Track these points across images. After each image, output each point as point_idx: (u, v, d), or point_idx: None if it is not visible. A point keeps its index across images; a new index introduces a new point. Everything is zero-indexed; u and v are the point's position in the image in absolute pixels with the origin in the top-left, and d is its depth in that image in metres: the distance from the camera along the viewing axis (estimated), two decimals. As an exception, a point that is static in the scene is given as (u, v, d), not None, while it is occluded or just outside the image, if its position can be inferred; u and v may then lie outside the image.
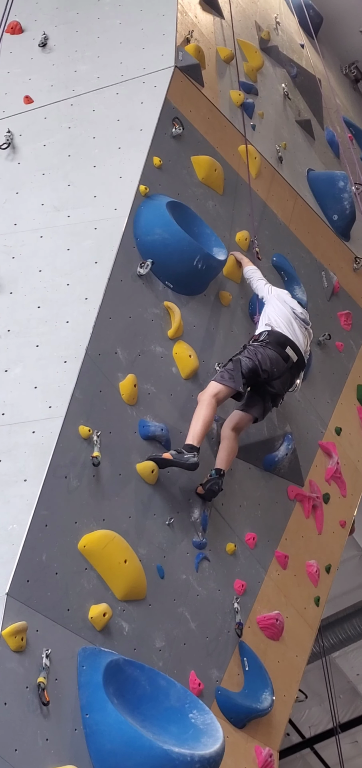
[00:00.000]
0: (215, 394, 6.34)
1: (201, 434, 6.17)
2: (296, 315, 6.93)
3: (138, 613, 5.54)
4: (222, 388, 6.38)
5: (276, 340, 6.68)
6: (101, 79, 7.58)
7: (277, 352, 6.63)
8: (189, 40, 7.93)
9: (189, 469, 6.03)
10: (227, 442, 6.53)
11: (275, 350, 6.63)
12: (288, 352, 6.69)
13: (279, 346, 6.66)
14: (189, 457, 6.00)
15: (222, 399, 6.40)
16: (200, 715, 5.18)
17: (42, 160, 7.07)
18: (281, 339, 6.70)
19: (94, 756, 4.77)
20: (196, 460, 6.02)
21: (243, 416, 6.68)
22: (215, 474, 6.32)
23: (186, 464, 6.00)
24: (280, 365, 6.63)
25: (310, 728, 16.02)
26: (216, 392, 6.35)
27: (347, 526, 7.88)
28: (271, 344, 6.65)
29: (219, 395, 6.36)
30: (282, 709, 6.54)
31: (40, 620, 4.92)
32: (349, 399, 8.47)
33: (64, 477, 5.39)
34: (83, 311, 6.11)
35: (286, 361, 6.66)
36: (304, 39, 10.74)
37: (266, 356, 6.58)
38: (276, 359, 6.61)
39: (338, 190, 9.13)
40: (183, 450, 6.05)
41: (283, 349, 6.67)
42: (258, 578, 6.67)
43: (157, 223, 6.73)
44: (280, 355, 6.64)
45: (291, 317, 6.87)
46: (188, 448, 6.07)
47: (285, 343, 6.70)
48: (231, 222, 7.73)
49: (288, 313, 6.88)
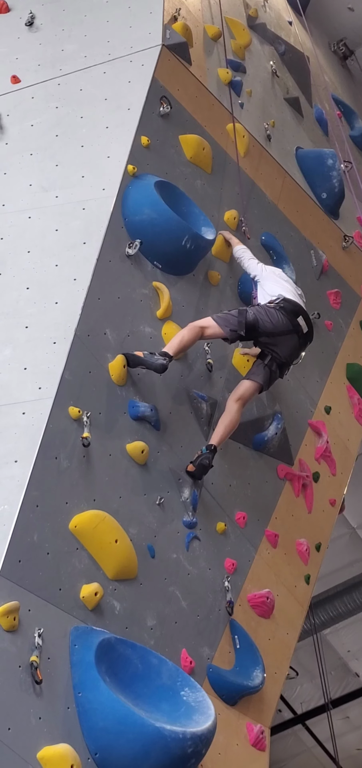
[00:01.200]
0: (204, 326, 6.48)
1: (176, 348, 6.29)
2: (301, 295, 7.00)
3: (129, 592, 5.56)
4: (213, 325, 6.50)
5: (292, 308, 6.74)
6: (88, 58, 7.55)
7: (289, 319, 6.68)
8: (177, 18, 7.89)
9: (156, 370, 6.11)
10: (228, 414, 6.58)
11: (286, 317, 6.68)
12: (299, 321, 6.75)
13: (292, 315, 6.72)
14: (158, 359, 6.11)
15: (208, 335, 6.53)
16: (192, 693, 5.21)
17: (29, 140, 7.05)
18: (295, 308, 6.76)
19: (86, 734, 4.80)
20: (165, 362, 6.11)
21: (248, 385, 6.73)
22: (205, 450, 6.36)
23: (154, 364, 6.09)
24: (285, 327, 6.67)
25: (302, 704, 16.13)
26: (206, 326, 6.49)
27: (337, 505, 7.91)
28: (285, 309, 6.70)
29: (207, 330, 6.49)
30: (274, 687, 6.58)
31: (32, 600, 4.94)
32: (338, 378, 8.48)
33: (55, 458, 5.40)
34: (72, 292, 6.10)
35: (296, 329, 6.71)
36: (292, 16, 10.70)
37: (274, 315, 6.62)
38: (284, 322, 6.66)
39: (327, 168, 9.11)
40: (154, 352, 6.16)
41: (295, 317, 6.73)
42: (248, 557, 6.70)
43: (145, 202, 6.71)
44: (291, 323, 6.69)
45: (292, 290, 6.94)
46: (161, 353, 6.18)
47: (298, 312, 6.76)
48: (220, 201, 7.71)
49: (291, 288, 6.94)
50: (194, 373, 6.76)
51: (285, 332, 6.69)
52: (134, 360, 6.14)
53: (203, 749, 4.98)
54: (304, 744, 16.62)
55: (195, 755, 4.90)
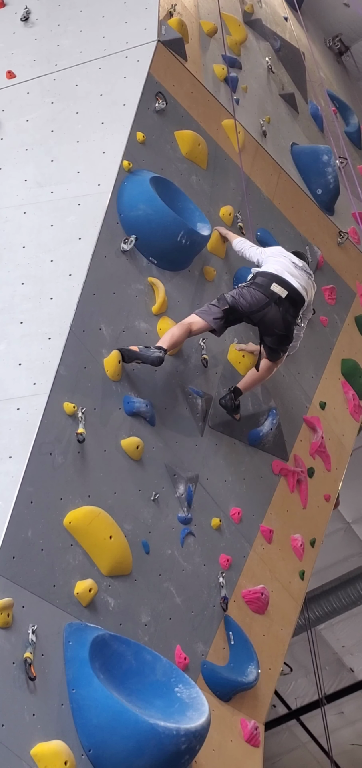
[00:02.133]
0: (191, 322, 6.56)
1: (169, 342, 6.36)
2: (296, 266, 6.97)
3: (123, 589, 5.56)
4: (199, 320, 6.57)
5: (261, 280, 6.76)
6: (84, 53, 7.53)
7: (261, 291, 6.69)
8: (172, 13, 7.88)
9: (153, 363, 6.17)
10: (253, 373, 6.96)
11: (258, 289, 6.70)
12: (273, 288, 6.71)
13: (264, 285, 6.72)
14: (154, 351, 6.18)
15: (196, 330, 6.59)
16: (186, 689, 5.22)
17: (25, 135, 7.04)
18: (267, 276, 6.77)
19: (80, 730, 4.80)
20: (161, 354, 6.19)
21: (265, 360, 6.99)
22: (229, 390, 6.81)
23: (151, 357, 6.15)
24: (260, 301, 6.67)
25: (296, 700, 16.16)
26: (193, 322, 6.56)
27: (332, 500, 7.92)
28: (255, 284, 6.74)
29: (194, 326, 6.55)
30: (268, 683, 6.59)
31: (26, 596, 4.94)
32: (333, 373, 8.49)
33: (49, 454, 5.40)
34: (67, 287, 6.10)
35: (270, 297, 6.68)
36: (288, 12, 10.69)
37: (246, 294, 6.68)
38: (258, 297, 6.67)
39: (322, 164, 9.11)
40: (151, 346, 6.23)
41: (268, 286, 6.71)
42: (243, 553, 6.70)
43: (140, 198, 6.71)
44: (263, 293, 6.68)
45: (292, 266, 6.93)
46: (157, 347, 6.26)
47: (270, 280, 6.74)
48: (215, 197, 7.71)
49: (287, 263, 6.94)
50: (189, 369, 6.77)
51: (263, 306, 6.69)
52: (130, 355, 6.15)
53: (197, 745, 4.99)
54: (299, 739, 16.66)
55: (189, 751, 4.91)
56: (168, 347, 6.33)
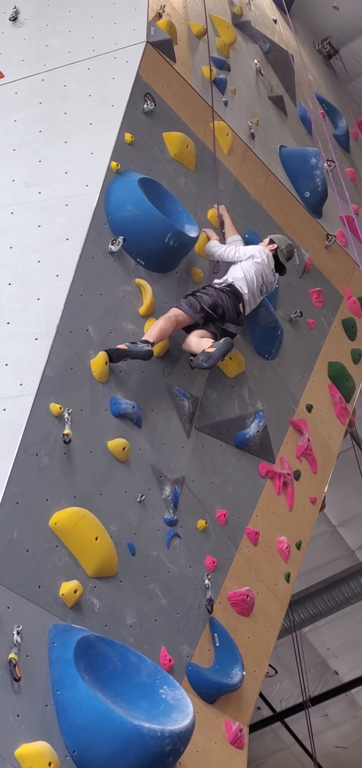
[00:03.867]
0: (176, 315, 6.65)
1: (156, 336, 6.43)
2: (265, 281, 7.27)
3: (109, 590, 5.56)
4: (182, 313, 6.67)
5: (234, 293, 7.00)
6: (72, 54, 7.53)
7: (233, 302, 6.96)
8: (161, 15, 7.88)
9: (143, 358, 6.23)
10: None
11: (232, 299, 6.95)
12: (239, 308, 7.02)
13: (236, 299, 6.99)
14: (143, 346, 6.23)
15: (181, 323, 6.68)
16: (170, 691, 5.22)
17: (13, 135, 7.02)
18: (238, 294, 7.02)
19: (65, 732, 4.79)
20: (150, 349, 6.25)
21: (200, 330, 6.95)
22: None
23: (140, 352, 6.20)
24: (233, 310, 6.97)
25: (281, 702, 16.18)
26: (178, 314, 6.66)
27: (317, 503, 7.93)
28: (231, 294, 6.96)
29: (180, 318, 6.66)
30: (253, 685, 6.60)
31: (11, 597, 4.92)
32: (320, 376, 8.50)
33: (35, 454, 5.39)
34: (54, 288, 6.09)
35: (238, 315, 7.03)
36: (277, 14, 10.71)
37: (225, 298, 6.89)
38: (231, 305, 6.95)
39: (310, 167, 9.12)
40: (137, 342, 6.27)
41: (237, 304, 6.99)
42: (228, 555, 6.71)
43: (128, 199, 6.71)
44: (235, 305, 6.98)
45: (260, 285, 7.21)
46: (143, 341, 6.31)
47: (239, 299, 7.02)
48: (203, 198, 7.72)
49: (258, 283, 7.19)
50: (176, 371, 6.76)
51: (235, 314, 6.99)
52: (118, 354, 6.16)
53: (181, 747, 4.99)
54: (283, 742, 16.67)
55: (173, 753, 4.90)
56: (156, 340, 6.39)
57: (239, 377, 7.30)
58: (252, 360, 7.64)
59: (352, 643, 15.83)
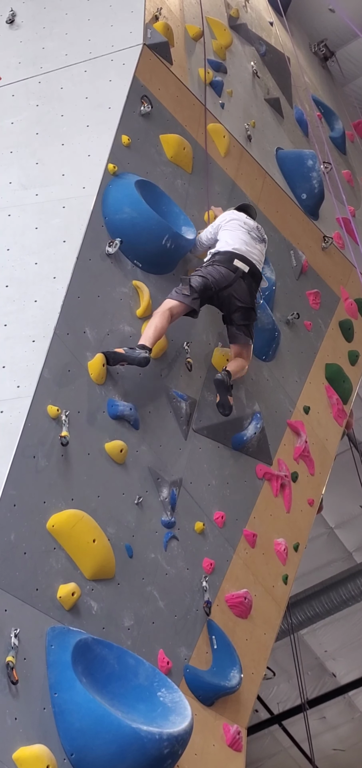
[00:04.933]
0: (170, 307, 6.56)
1: (152, 338, 6.35)
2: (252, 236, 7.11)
3: (106, 592, 5.55)
4: (176, 303, 6.60)
5: (222, 257, 6.90)
6: (69, 56, 7.53)
7: (225, 266, 6.85)
8: (158, 17, 7.89)
9: (140, 364, 6.16)
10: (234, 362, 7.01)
11: (221, 265, 6.85)
12: (236, 264, 6.89)
13: (227, 262, 6.87)
14: (140, 352, 6.15)
15: (176, 313, 6.61)
16: (168, 694, 5.21)
17: (10, 137, 7.02)
18: (226, 255, 6.91)
19: (62, 734, 4.78)
20: (147, 355, 6.17)
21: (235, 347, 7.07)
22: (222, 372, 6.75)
23: (137, 358, 6.13)
24: (228, 276, 6.83)
25: (279, 704, 16.17)
26: (171, 306, 6.57)
27: (315, 505, 7.92)
28: (217, 261, 6.87)
29: (173, 309, 6.58)
30: (251, 687, 6.59)
31: (9, 600, 4.91)
32: (317, 378, 8.50)
33: (33, 457, 5.38)
34: (51, 290, 6.08)
35: (235, 272, 6.87)
36: (273, 17, 10.73)
37: (213, 272, 6.80)
38: (225, 272, 6.83)
39: (307, 169, 9.14)
40: (135, 347, 6.20)
41: (231, 262, 6.87)
42: (226, 557, 6.70)
43: (125, 201, 6.71)
44: (228, 268, 6.85)
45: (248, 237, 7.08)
46: (140, 346, 6.23)
47: (231, 257, 6.90)
48: (200, 200, 7.72)
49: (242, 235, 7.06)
50: (173, 373, 6.76)
51: (231, 281, 6.84)
52: (115, 357, 6.13)
53: (179, 750, 4.98)
54: (281, 744, 16.67)
55: (171, 756, 4.89)
56: (151, 343, 6.32)
57: (236, 379, 7.29)
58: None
59: (350, 645, 15.83)
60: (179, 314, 6.64)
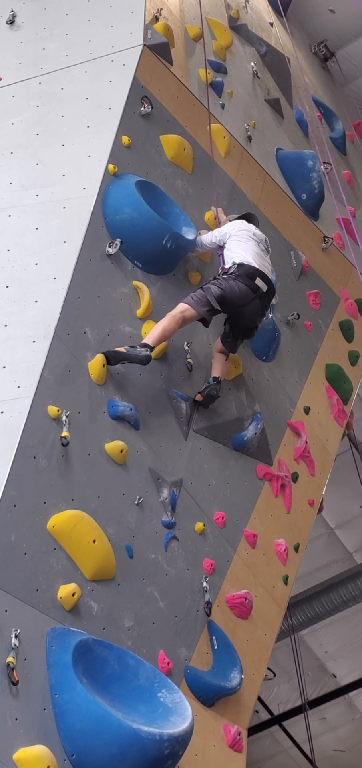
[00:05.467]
0: (183, 311, 6.59)
1: (157, 338, 6.39)
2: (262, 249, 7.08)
3: (107, 593, 5.55)
4: (191, 311, 6.62)
5: (246, 272, 6.82)
6: (70, 57, 7.53)
7: (246, 284, 6.79)
8: (158, 18, 7.89)
9: (141, 362, 6.18)
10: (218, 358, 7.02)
11: (244, 282, 6.79)
12: (257, 283, 6.85)
13: (248, 278, 6.81)
14: (141, 350, 6.18)
15: (188, 319, 6.64)
16: (169, 694, 5.21)
17: (10, 138, 7.02)
18: (250, 271, 6.83)
19: (63, 735, 4.78)
20: (149, 353, 6.21)
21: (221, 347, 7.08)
22: (213, 381, 6.81)
23: (138, 356, 6.16)
24: (248, 296, 6.79)
25: (279, 705, 16.17)
26: (184, 310, 6.59)
27: (315, 505, 7.92)
28: (240, 277, 6.80)
29: (186, 314, 6.60)
30: (251, 688, 6.58)
31: (9, 600, 4.91)
32: (318, 378, 8.50)
33: (33, 457, 5.38)
34: (52, 291, 6.08)
35: (255, 291, 6.82)
36: (273, 17, 10.72)
37: (234, 287, 6.74)
38: (245, 291, 6.77)
39: (307, 170, 9.14)
40: (135, 345, 6.25)
41: (252, 280, 6.82)
42: (227, 557, 6.70)
43: (125, 202, 6.70)
44: (249, 287, 6.80)
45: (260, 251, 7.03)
46: (142, 345, 6.27)
47: (254, 275, 6.84)
48: (201, 201, 7.72)
49: (255, 248, 7.01)
50: (174, 373, 6.76)
51: (249, 300, 6.81)
52: (116, 356, 6.14)
53: (180, 751, 4.97)
54: (281, 745, 16.66)
55: (172, 757, 4.89)
56: (155, 343, 6.34)
57: (236, 379, 7.30)
58: (250, 362, 7.63)
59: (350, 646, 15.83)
60: (191, 320, 6.66)
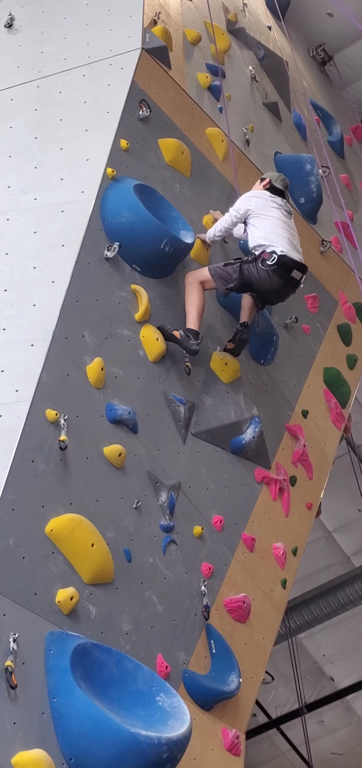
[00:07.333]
0: (203, 281, 6.89)
1: (199, 320, 6.77)
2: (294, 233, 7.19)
3: (105, 597, 5.55)
4: (211, 280, 6.89)
5: (285, 266, 6.91)
6: (68, 60, 7.52)
7: (283, 279, 6.93)
8: (157, 21, 7.89)
9: (190, 353, 6.67)
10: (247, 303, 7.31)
11: (281, 277, 6.91)
12: (293, 275, 6.97)
13: (286, 271, 6.92)
14: (193, 343, 6.64)
15: (207, 288, 6.91)
16: (167, 698, 5.20)
17: (8, 142, 7.02)
18: (289, 264, 6.93)
19: (61, 739, 4.78)
20: (198, 348, 6.66)
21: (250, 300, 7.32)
22: (241, 326, 7.14)
23: (190, 348, 6.64)
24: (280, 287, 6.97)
25: (277, 709, 16.17)
26: (204, 281, 6.94)
27: (313, 509, 7.92)
28: (278, 271, 6.89)
29: (206, 285, 6.94)
30: (249, 692, 6.58)
31: (8, 604, 4.91)
32: (316, 382, 8.51)
33: (31, 461, 5.38)
34: (50, 294, 6.08)
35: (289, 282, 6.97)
36: (271, 21, 10.73)
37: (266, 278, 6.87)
38: (278, 283, 6.94)
39: (305, 173, 9.15)
40: (189, 335, 6.64)
41: (289, 273, 6.93)
42: (225, 561, 6.70)
43: (124, 206, 6.71)
44: (283, 279, 6.92)
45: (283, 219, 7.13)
46: (194, 334, 6.67)
47: (292, 267, 6.94)
48: (199, 205, 7.72)
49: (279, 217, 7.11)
50: (172, 377, 6.76)
51: (279, 289, 7.00)
52: (169, 337, 6.62)
53: (178, 755, 4.97)
54: (279, 748, 16.66)
55: (170, 761, 4.88)
56: (199, 325, 6.71)
57: (235, 383, 7.29)
58: (248, 366, 7.63)
59: (348, 649, 15.84)
60: (209, 289, 6.91)
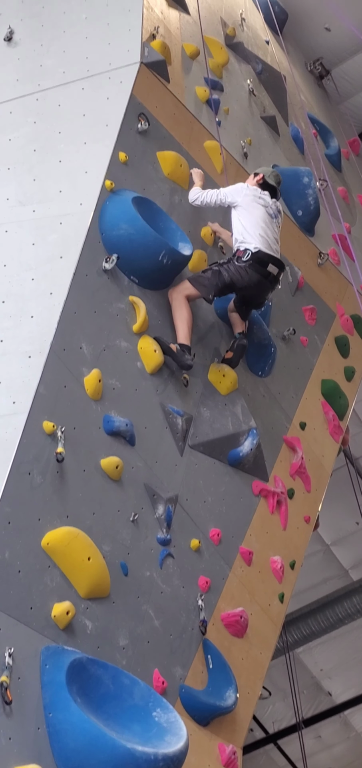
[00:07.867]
0: (186, 294, 6.93)
1: (188, 333, 6.84)
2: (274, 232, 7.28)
3: (101, 611, 5.52)
4: (194, 291, 6.94)
5: (259, 261, 7.04)
6: (67, 74, 7.53)
7: (260, 273, 7.02)
8: (155, 35, 7.89)
9: (184, 368, 6.73)
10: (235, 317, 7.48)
11: (258, 272, 7.03)
12: (269, 269, 7.08)
13: (261, 266, 7.04)
14: (188, 358, 6.71)
15: (192, 299, 6.95)
16: (164, 714, 5.17)
17: (7, 154, 7.02)
18: (264, 259, 7.07)
19: (57, 755, 4.74)
20: (192, 363, 6.75)
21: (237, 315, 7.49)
22: (238, 335, 7.30)
23: (185, 363, 6.69)
24: (258, 282, 7.08)
25: (274, 724, 16.11)
26: (188, 294, 6.97)
27: (311, 522, 7.91)
28: (253, 265, 7.02)
29: (191, 296, 7.00)
30: (246, 707, 6.55)
31: (3, 619, 4.88)
32: (314, 394, 8.50)
33: (28, 473, 5.35)
34: (48, 306, 6.07)
35: (266, 277, 7.08)
36: (269, 35, 10.75)
37: (245, 276, 6.99)
38: (256, 279, 7.06)
39: (302, 186, 9.16)
40: (184, 350, 6.69)
41: (265, 267, 7.04)
42: (222, 575, 6.67)
43: (122, 218, 6.70)
44: (260, 274, 7.04)
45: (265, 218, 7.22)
46: (187, 349, 6.74)
47: (267, 262, 7.05)
48: (197, 217, 7.72)
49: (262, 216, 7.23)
50: (170, 388, 6.75)
51: (258, 285, 7.09)
52: (166, 349, 6.62)
53: (175, 770, 4.94)
54: (276, 763, 16.60)
55: (167, 776, 4.86)
56: (189, 338, 6.79)
57: (232, 395, 7.28)
58: (246, 378, 7.62)
59: (346, 663, 15.79)
60: (194, 298, 6.97)
